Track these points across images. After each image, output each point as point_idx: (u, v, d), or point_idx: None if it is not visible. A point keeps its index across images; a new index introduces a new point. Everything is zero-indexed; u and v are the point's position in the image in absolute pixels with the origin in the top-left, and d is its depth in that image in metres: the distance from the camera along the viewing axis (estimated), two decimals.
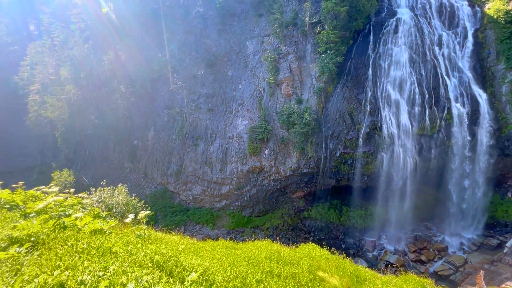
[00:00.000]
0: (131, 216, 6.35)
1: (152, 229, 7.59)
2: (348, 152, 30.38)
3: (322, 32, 30.60)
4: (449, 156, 29.14)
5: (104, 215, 7.04)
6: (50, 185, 7.78)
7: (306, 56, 33.68)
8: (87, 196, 10.21)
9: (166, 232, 10.02)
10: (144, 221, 6.55)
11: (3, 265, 2.63)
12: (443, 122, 28.72)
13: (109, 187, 14.68)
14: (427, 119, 28.86)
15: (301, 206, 33.33)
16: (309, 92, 32.72)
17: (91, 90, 43.36)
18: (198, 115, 37.01)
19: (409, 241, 29.65)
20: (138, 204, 14.51)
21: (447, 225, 30.10)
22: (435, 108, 28.97)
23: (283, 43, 33.85)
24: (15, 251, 2.81)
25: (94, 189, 14.85)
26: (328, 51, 30.13)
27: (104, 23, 44.07)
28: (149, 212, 6.95)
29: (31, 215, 5.06)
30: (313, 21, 32.75)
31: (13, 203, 5.39)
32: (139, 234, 5.20)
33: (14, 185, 6.46)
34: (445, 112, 28.69)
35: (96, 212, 6.92)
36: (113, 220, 6.72)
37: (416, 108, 29.23)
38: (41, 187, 7.16)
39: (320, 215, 32.18)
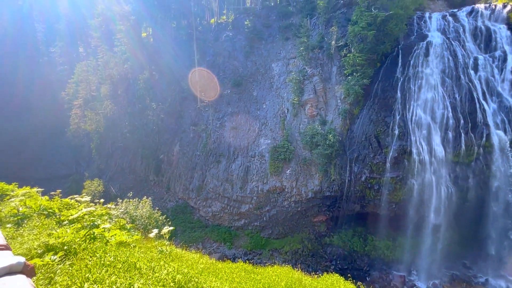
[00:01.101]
0: (155, 231, 6.48)
1: (172, 244, 7.64)
2: (374, 177, 28.96)
3: (348, 55, 30.71)
4: (489, 187, 26.56)
5: (128, 227, 7.23)
6: (83, 194, 8.23)
7: (331, 78, 33.74)
8: (114, 207, 10.63)
9: (185, 248, 10.01)
10: (167, 237, 6.64)
11: (39, 271, 2.78)
12: (481, 149, 26.56)
13: (134, 199, 15.20)
14: (462, 145, 26.91)
15: (323, 231, 31.80)
16: (333, 114, 32.35)
17: (125, 106, 46.63)
18: (222, 132, 37.95)
19: (444, 280, 26.66)
20: (160, 218, 14.80)
21: (490, 265, 26.77)
22: (472, 134, 27.00)
23: (308, 65, 34.34)
24: (50, 258, 2.97)
25: (120, 200, 15.47)
26: (354, 74, 29.96)
27: (142, 46, 48.17)
28: (172, 228, 7.06)
29: (65, 222, 5.35)
30: (340, 44, 33.10)
31: (50, 210, 5.74)
32: (161, 249, 5.26)
33: (53, 193, 6.92)
34: (484, 139, 26.60)
35: (121, 224, 7.13)
36: (137, 233, 6.87)
37: (450, 133, 27.49)
38: (75, 196, 7.57)
39: (343, 242, 30.37)
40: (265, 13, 42.46)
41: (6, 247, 2.12)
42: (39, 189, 6.86)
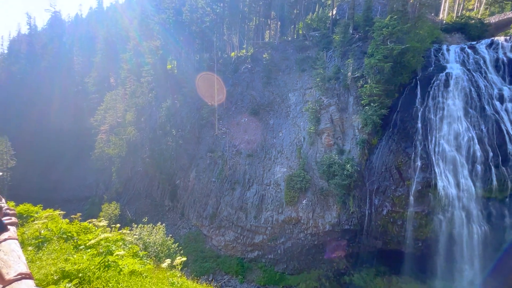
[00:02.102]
0: (168, 261, 6.35)
1: (183, 275, 7.40)
2: (397, 211, 27.25)
3: (365, 85, 30.96)
4: None
5: (141, 255, 7.17)
6: (100, 218, 8.38)
7: (348, 108, 33.79)
8: (129, 233, 10.63)
9: (195, 279, 9.63)
10: (179, 268, 6.46)
11: None
12: None
13: (148, 225, 15.20)
14: (494, 179, 25.05)
15: (342, 269, 29.55)
16: (351, 143, 31.83)
17: (147, 132, 48.85)
18: (238, 159, 38.19)
19: None
20: (173, 246, 14.55)
21: None
22: (504, 168, 25.21)
23: (325, 95, 34.84)
24: (65, 286, 2.97)
25: (135, 225, 15.51)
26: (372, 104, 29.88)
27: (167, 76, 51.67)
28: (184, 259, 6.89)
29: (81, 247, 5.40)
30: (356, 75, 33.62)
31: (69, 234, 5.84)
32: (172, 281, 5.10)
33: (73, 216, 7.10)
34: None
35: (135, 251, 7.08)
36: (149, 261, 6.77)
37: (479, 167, 25.83)
38: (93, 220, 7.70)
39: (365, 282, 27.88)
40: (282, 47, 44.67)
41: (29, 276, 2.15)
42: (61, 211, 7.08)
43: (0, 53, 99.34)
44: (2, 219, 2.98)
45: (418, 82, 31.58)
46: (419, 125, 29.13)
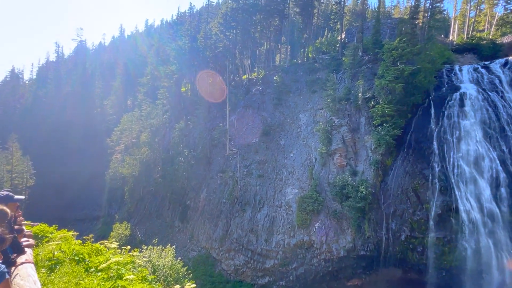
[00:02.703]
0: (177, 287, 6.18)
1: None
2: (416, 236, 25.74)
3: (376, 106, 30.84)
4: None
5: (150, 279, 7.04)
6: (111, 240, 8.40)
7: (360, 128, 33.50)
8: (139, 255, 10.54)
9: None
10: None
11: None
12: None
13: (158, 247, 15.03)
14: None
15: None
16: (364, 164, 31.12)
17: (160, 152, 49.86)
18: (248, 180, 37.94)
19: None
20: (182, 270, 14.20)
21: None
22: None
23: (336, 116, 34.83)
24: None
25: (145, 246, 15.37)
26: (384, 124, 29.51)
27: (181, 99, 53.59)
28: (194, 285, 6.70)
29: (92, 269, 5.38)
30: (367, 96, 33.67)
31: (81, 256, 5.86)
32: None
33: (85, 237, 7.16)
34: None
35: (144, 275, 6.97)
36: (158, 286, 6.64)
37: (503, 190, 24.40)
38: (104, 242, 7.72)
39: None
40: (293, 70, 45.82)
41: None
42: (74, 232, 7.17)
43: (29, 78, 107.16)
44: (21, 240, 3.06)
45: (432, 102, 31.17)
46: (435, 145, 28.31)
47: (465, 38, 43.20)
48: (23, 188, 57.39)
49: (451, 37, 48.64)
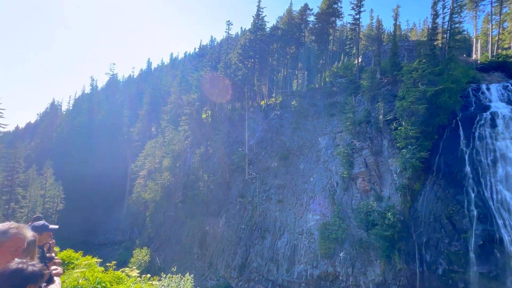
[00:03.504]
0: None
1: None
2: (455, 270, 23.13)
3: (399, 128, 29.86)
4: None
5: None
6: (132, 267, 8.42)
7: (382, 151, 32.31)
8: (158, 284, 10.42)
9: None
10: None
11: None
12: None
13: (177, 275, 14.78)
14: None
15: None
16: (390, 189, 29.49)
17: (181, 177, 50.87)
18: (268, 205, 37.15)
19: None
20: None
21: None
22: None
23: (357, 139, 34.05)
24: None
25: (164, 274, 15.17)
26: (409, 146, 28.25)
27: (201, 125, 55.56)
28: None
29: None
30: (388, 118, 32.86)
31: (103, 284, 5.90)
32: None
33: (108, 264, 7.24)
34: None
35: None
36: None
37: None
38: (125, 269, 7.75)
39: None
40: (310, 94, 46.36)
41: None
42: (98, 259, 7.29)
43: (66, 109, 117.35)
44: (51, 268, 3.17)
45: (459, 122, 29.67)
46: (468, 169, 26.38)
47: (489, 57, 41.80)
48: (53, 212, 60.28)
49: (474, 56, 47.34)
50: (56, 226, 4.19)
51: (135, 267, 8.61)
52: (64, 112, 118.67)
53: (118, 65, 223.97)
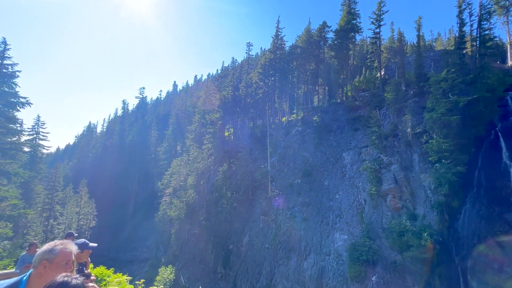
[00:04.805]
0: None
1: None
2: None
3: (430, 141, 28.19)
4: None
5: None
6: (159, 286, 8.51)
7: (413, 166, 30.49)
8: None
9: None
10: None
11: None
12: None
13: None
14: None
15: None
16: (424, 207, 27.41)
17: (205, 195, 51.56)
18: (292, 224, 36.06)
19: None
20: None
21: None
22: None
23: (384, 154, 32.59)
24: None
25: None
26: (443, 160, 26.40)
27: (224, 143, 56.71)
28: None
29: None
30: (417, 131, 31.27)
31: None
32: None
33: (137, 282, 7.40)
34: None
35: None
36: None
37: None
38: None
39: None
40: (332, 109, 45.80)
41: None
42: (128, 277, 7.49)
43: (101, 131, 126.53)
44: (88, 285, 3.34)
45: (499, 134, 27.38)
46: None
47: None
48: (87, 228, 63.41)
49: (509, 62, 44.27)
50: (95, 244, 4.44)
51: (161, 286, 8.73)
52: (98, 134, 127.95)
53: (147, 89, 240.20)
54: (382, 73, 47.05)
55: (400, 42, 46.24)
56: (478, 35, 34.70)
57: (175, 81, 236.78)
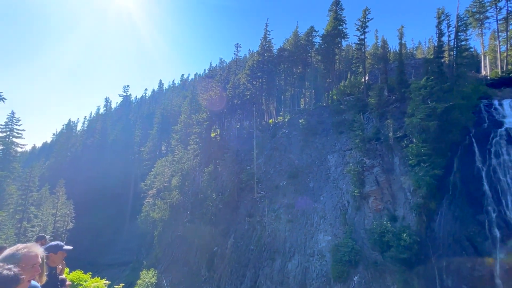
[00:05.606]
0: None
1: None
2: None
3: (410, 145, 29.33)
4: None
5: None
6: None
7: (394, 169, 31.57)
8: None
9: None
10: None
11: None
12: None
13: None
14: None
15: None
16: (404, 208, 28.42)
17: (189, 196, 50.75)
18: (277, 225, 36.24)
19: None
20: None
21: None
22: None
23: (367, 156, 33.52)
24: None
25: None
26: (422, 164, 27.53)
27: (210, 144, 56.14)
28: None
29: None
30: (398, 135, 32.43)
31: None
32: None
33: (116, 286, 7.12)
34: None
35: None
36: None
37: None
38: None
39: None
40: (318, 112, 46.62)
41: None
42: (106, 281, 7.20)
43: (81, 130, 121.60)
44: None
45: (473, 139, 28.95)
46: (487, 187, 25.31)
47: (499, 72, 41.43)
48: (63, 231, 60.49)
49: (483, 72, 47.02)
50: (71, 247, 4.23)
51: None
52: (79, 132, 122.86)
53: (131, 87, 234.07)
54: (367, 78, 48.51)
55: (383, 49, 47.87)
56: (455, 45, 36.61)
57: (161, 80, 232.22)
